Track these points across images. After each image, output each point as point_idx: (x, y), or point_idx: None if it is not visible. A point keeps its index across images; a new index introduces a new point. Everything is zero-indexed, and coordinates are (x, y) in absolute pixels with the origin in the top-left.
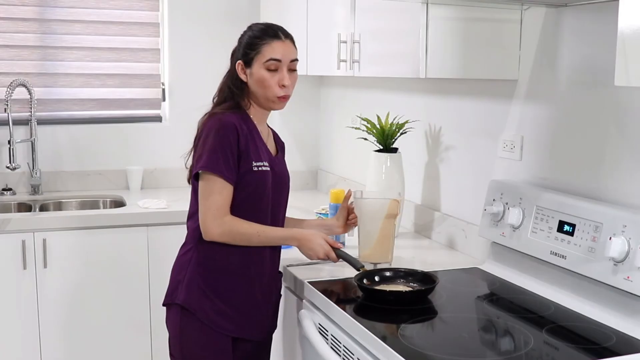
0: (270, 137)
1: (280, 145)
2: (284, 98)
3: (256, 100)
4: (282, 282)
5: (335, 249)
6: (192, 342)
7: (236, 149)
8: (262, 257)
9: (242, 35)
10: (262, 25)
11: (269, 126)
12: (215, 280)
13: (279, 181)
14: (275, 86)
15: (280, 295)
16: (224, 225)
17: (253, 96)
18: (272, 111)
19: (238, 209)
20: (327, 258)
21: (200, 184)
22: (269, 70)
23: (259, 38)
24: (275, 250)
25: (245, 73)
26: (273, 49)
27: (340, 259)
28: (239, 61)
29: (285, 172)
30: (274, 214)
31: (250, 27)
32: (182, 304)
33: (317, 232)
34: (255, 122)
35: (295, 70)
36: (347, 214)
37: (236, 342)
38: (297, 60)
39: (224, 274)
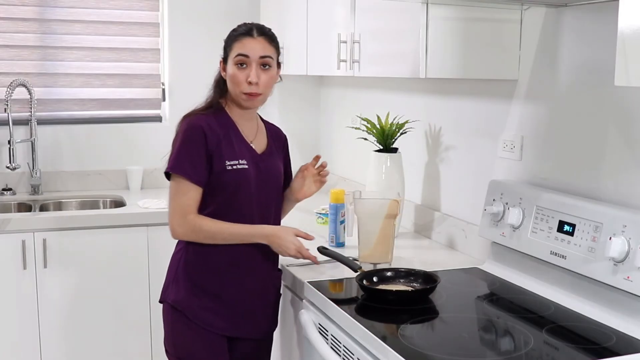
0: (261, 134)
1: (276, 141)
2: (252, 95)
3: (232, 98)
4: (282, 282)
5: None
6: (183, 339)
7: (204, 150)
8: (253, 255)
9: (227, 35)
10: (244, 25)
11: (265, 121)
12: (204, 278)
13: (266, 179)
14: (243, 82)
15: (280, 294)
16: (186, 225)
17: (230, 94)
18: (254, 107)
19: (220, 210)
20: (300, 256)
21: (170, 185)
22: (238, 66)
23: (234, 36)
24: (270, 249)
25: (224, 70)
26: (243, 45)
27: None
28: (220, 59)
29: (276, 169)
30: (263, 212)
31: (235, 27)
32: (172, 303)
33: (287, 228)
34: (234, 120)
35: (269, 67)
36: (303, 177)
37: (233, 342)
38: (269, 57)
39: (213, 273)
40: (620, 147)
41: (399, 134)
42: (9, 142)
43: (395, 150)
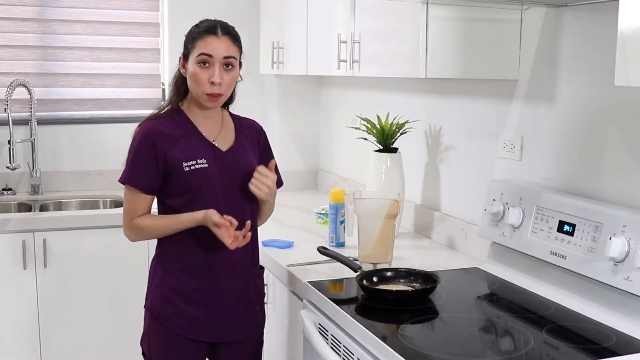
0: (227, 131)
1: (249, 135)
2: (214, 96)
3: (192, 97)
4: (283, 282)
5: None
6: (159, 346)
7: (154, 157)
8: (229, 255)
9: (188, 31)
10: (206, 22)
11: (237, 117)
12: (180, 283)
13: (234, 175)
14: (205, 82)
15: (264, 294)
16: (132, 227)
17: (190, 92)
18: (215, 107)
19: (186, 211)
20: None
21: (123, 191)
22: (200, 65)
23: (197, 33)
24: (246, 248)
25: (184, 68)
26: (206, 44)
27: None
28: (180, 55)
29: (246, 164)
30: (234, 209)
31: (197, 23)
32: (149, 310)
33: (207, 213)
34: (194, 120)
35: (232, 68)
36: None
37: (217, 346)
38: (233, 58)
39: (189, 277)
40: (620, 147)
41: (399, 134)
42: (9, 142)
43: (395, 150)
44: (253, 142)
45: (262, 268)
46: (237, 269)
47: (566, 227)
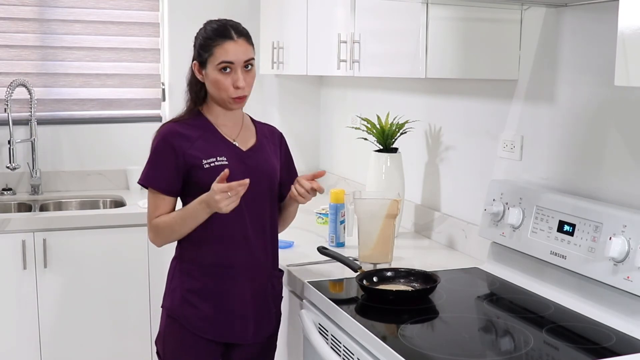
0: (248, 131)
1: (270, 138)
2: (240, 99)
3: (214, 100)
4: (282, 282)
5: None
6: (175, 346)
7: (173, 157)
8: (250, 258)
9: (197, 35)
10: (215, 24)
11: (257, 122)
12: (200, 285)
13: (253, 175)
14: (229, 88)
15: (282, 297)
16: (152, 228)
17: (211, 96)
18: (240, 108)
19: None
20: (231, 197)
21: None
22: (222, 72)
23: (211, 39)
24: (267, 249)
25: (201, 74)
26: (225, 51)
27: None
28: (195, 62)
29: (268, 164)
30: (254, 208)
31: (204, 26)
32: (168, 311)
33: (211, 191)
34: (213, 121)
35: (251, 68)
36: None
37: (232, 347)
38: (252, 59)
39: (209, 279)
40: (621, 147)
41: (399, 134)
42: (9, 142)
43: (395, 150)
44: (275, 145)
45: (281, 271)
46: (259, 269)
47: (566, 227)
